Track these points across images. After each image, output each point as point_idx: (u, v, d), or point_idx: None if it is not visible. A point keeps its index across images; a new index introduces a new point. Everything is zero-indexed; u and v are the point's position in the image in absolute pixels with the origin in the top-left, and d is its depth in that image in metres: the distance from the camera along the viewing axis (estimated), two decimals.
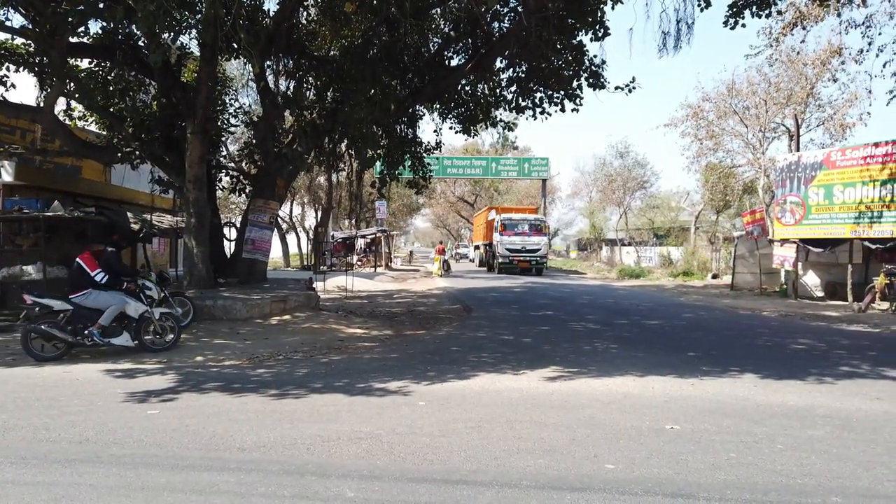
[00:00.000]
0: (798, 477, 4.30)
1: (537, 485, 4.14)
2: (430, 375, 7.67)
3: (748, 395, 6.81)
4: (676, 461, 4.60)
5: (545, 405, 6.30)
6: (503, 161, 41.13)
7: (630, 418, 5.81)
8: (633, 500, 3.90)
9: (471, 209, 70.06)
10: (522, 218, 33.18)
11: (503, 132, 20.12)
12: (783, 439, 5.15)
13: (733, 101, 28.42)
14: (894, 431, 5.50)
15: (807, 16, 16.93)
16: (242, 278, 14.89)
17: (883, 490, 4.10)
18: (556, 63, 15.33)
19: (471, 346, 10.18)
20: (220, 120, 16.70)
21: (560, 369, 8.14)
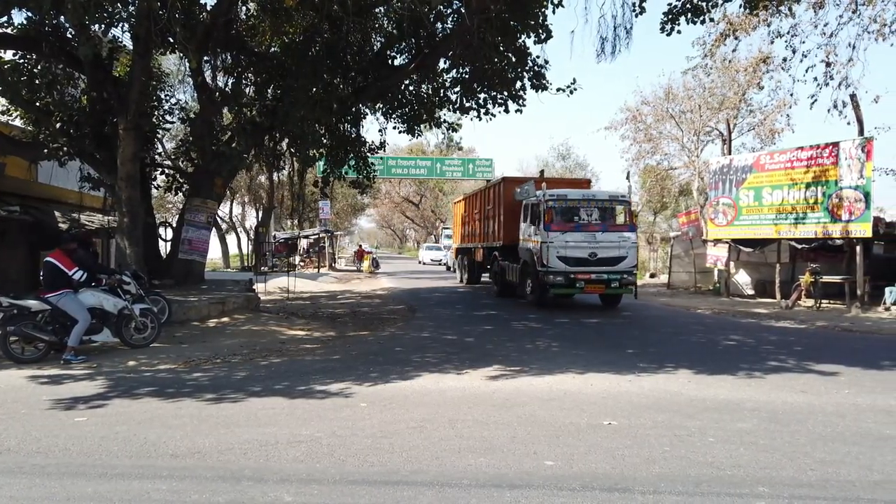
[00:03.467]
0: (728, 468, 4.45)
1: (478, 483, 4.16)
2: (373, 376, 7.61)
3: (682, 391, 7.02)
4: (613, 456, 4.69)
5: (487, 404, 6.33)
6: (448, 161, 41.12)
7: (570, 415, 5.90)
8: (570, 495, 3.96)
9: (416, 209, 70.05)
10: (587, 196, 16.26)
11: (448, 133, 20.17)
12: (714, 432, 5.33)
13: (670, 105, 29.27)
14: (817, 423, 5.76)
15: (738, 26, 17.59)
16: (178, 280, 14.44)
17: (806, 479, 4.29)
18: (500, 64, 15.46)
19: (414, 347, 10.15)
20: (154, 116, 16.14)
21: (502, 368, 8.21)
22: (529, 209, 16.45)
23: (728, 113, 26.36)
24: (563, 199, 15.65)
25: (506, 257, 18.75)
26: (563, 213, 15.55)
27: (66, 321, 8.72)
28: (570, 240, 15.15)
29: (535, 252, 15.54)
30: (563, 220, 15.42)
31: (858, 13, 15.25)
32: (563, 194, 15.85)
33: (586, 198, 16.10)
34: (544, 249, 15.06)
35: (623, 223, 15.81)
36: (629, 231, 15.62)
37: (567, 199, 15.74)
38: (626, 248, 15.34)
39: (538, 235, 15.42)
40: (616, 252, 15.27)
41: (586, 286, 15.23)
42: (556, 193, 15.76)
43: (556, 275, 15.11)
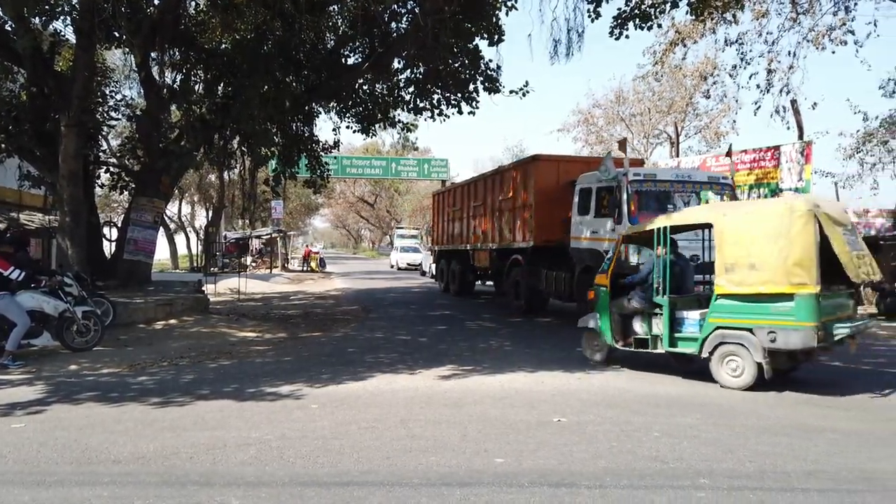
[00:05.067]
0: (671, 461, 4.59)
1: (428, 482, 4.18)
2: (325, 378, 7.56)
3: (630, 387, 7.19)
4: (561, 452, 4.78)
5: (439, 403, 6.36)
6: (403, 161, 41.02)
7: (520, 413, 5.98)
8: (519, 491, 4.01)
9: (371, 209, 69.69)
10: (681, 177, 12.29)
11: (403, 133, 20.15)
12: (659, 427, 5.48)
13: (621, 108, 29.94)
14: (757, 416, 5.97)
15: (686, 34, 18.08)
16: (123, 281, 14.03)
17: (745, 470, 4.45)
18: (454, 65, 15.53)
19: (368, 347, 10.11)
20: (98, 112, 15.65)
21: (455, 367, 8.25)
22: (594, 195, 11.96)
23: (676, 116, 27.10)
24: (651, 180, 11.64)
25: (538, 263, 14.15)
26: (653, 201, 11.47)
27: (3, 324, 8.40)
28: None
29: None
30: (653, 209, 11.02)
31: (798, 22, 15.87)
32: (651, 173, 12.06)
33: (680, 179, 12.04)
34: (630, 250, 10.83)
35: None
36: None
37: (657, 179, 11.77)
38: None
39: (616, 231, 10.94)
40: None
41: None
42: (644, 172, 11.98)
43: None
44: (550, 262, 13.75)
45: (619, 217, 11.14)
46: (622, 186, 11.19)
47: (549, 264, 13.77)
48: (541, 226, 13.82)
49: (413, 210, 62.27)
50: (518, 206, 14.78)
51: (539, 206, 13.87)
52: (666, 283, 7.56)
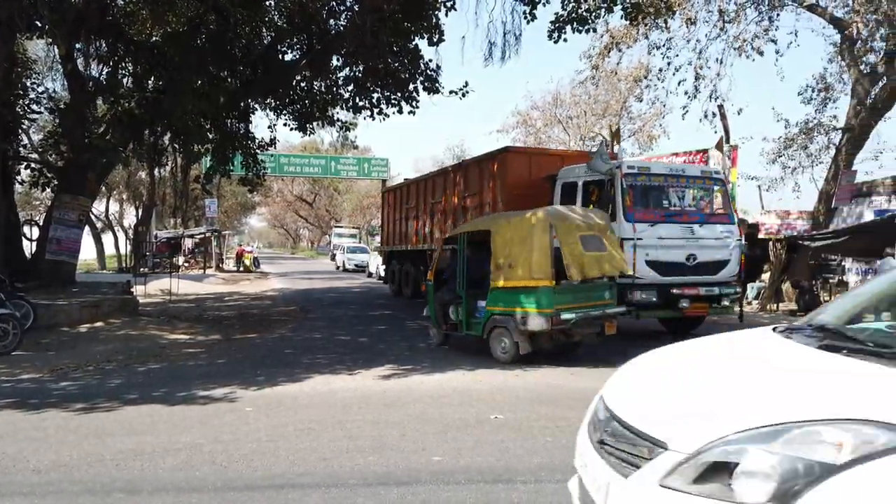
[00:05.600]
0: None
1: (365, 482, 4.15)
2: (260, 380, 7.40)
3: (564, 383, 7.34)
4: (499, 449, 4.83)
5: (378, 403, 6.33)
6: (343, 160, 40.61)
7: (458, 411, 6.01)
8: (457, 488, 4.04)
9: (310, 208, 68.73)
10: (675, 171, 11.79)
11: (342, 131, 19.88)
12: None
13: (558, 110, 30.53)
14: None
15: (620, 39, 18.59)
16: (46, 282, 13.37)
17: None
18: (393, 65, 15.48)
19: (305, 348, 9.96)
20: (18, 105, 14.86)
21: (395, 367, 8.22)
22: (580, 190, 11.00)
23: (611, 119, 27.82)
24: (646, 174, 10.82)
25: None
26: (647, 196, 10.89)
27: None
28: (665, 235, 10.35)
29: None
30: (648, 205, 10.73)
31: (725, 30, 16.55)
32: (645, 167, 11.16)
33: (675, 173, 11.38)
34: (625, 250, 9.87)
35: (722, 211, 11.38)
36: (731, 223, 11.21)
37: (651, 173, 10.94)
38: (729, 248, 10.83)
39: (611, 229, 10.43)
40: (719, 254, 10.76)
41: (691, 307, 10.41)
42: (638, 165, 11.10)
43: (646, 289, 10.08)
44: None
45: (613, 213, 10.12)
46: (616, 180, 10.24)
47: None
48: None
49: (353, 209, 61.78)
50: (487, 202, 13.73)
51: (511, 201, 12.65)
52: (463, 278, 9.24)
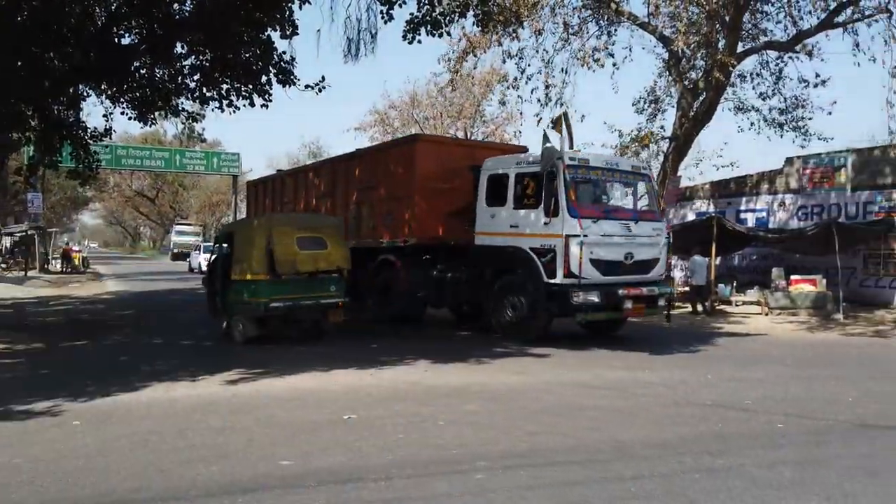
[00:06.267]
0: (454, 448, 4.82)
1: (208, 493, 3.94)
2: (90, 391, 6.77)
3: (420, 380, 7.44)
4: (350, 449, 4.79)
5: (224, 409, 6.04)
6: (189, 154, 38.21)
7: (310, 413, 5.89)
8: (306, 492, 3.95)
9: (152, 205, 64.10)
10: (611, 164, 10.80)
11: (188, 123, 18.78)
12: (445, 416, 5.74)
13: (415, 111, 30.88)
14: (530, 399, 6.52)
15: (476, 44, 19.13)
16: None
17: (518, 450, 4.83)
18: (244, 55, 14.82)
19: (144, 355, 9.26)
20: None
21: (243, 371, 7.87)
22: (512, 183, 10.46)
23: (465, 122, 28.61)
24: (586, 167, 10.33)
25: (420, 264, 11.97)
26: (587, 191, 10.41)
27: None
28: (607, 233, 9.92)
29: (544, 253, 9.80)
30: (588, 200, 10.26)
31: (569, 42, 17.57)
32: (584, 159, 10.58)
33: (610, 167, 10.73)
34: (571, 248, 9.46)
35: (650, 209, 11.04)
36: (659, 221, 11.08)
37: (590, 166, 10.43)
38: (659, 246, 10.57)
39: (552, 225, 9.69)
40: (651, 252, 10.44)
41: (633, 308, 10.07)
42: (578, 157, 10.47)
43: (590, 290, 9.61)
44: (436, 263, 11.86)
45: (556, 209, 9.63)
46: (559, 173, 9.68)
47: (434, 265, 11.84)
48: (424, 220, 11.75)
49: (201, 206, 58.54)
50: (390, 196, 12.57)
51: (421, 196, 11.79)
52: (223, 271, 10.43)
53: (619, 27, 16.97)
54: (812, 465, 4.55)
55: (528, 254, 9.97)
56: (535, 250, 9.91)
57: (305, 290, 9.97)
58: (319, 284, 10.12)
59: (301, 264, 9.80)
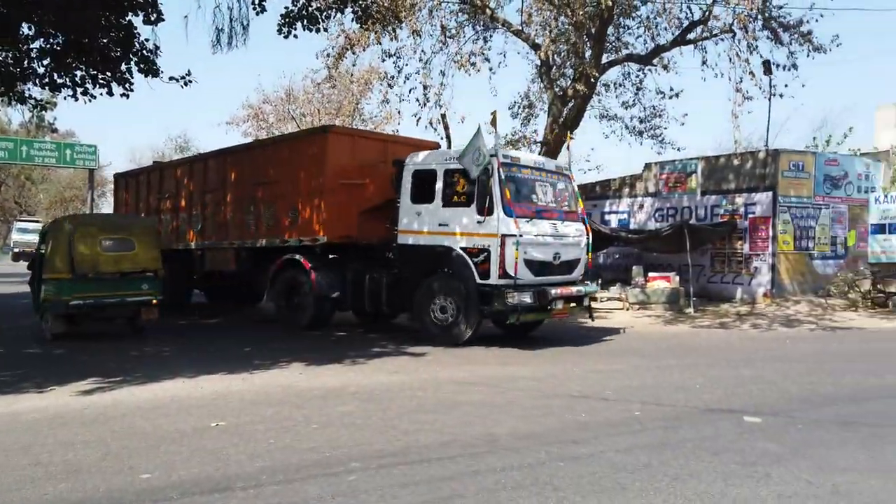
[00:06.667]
0: (327, 450, 4.75)
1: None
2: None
3: (293, 383, 7.27)
4: (217, 457, 4.59)
5: (76, 422, 5.58)
6: (38, 145, 34.81)
7: (174, 422, 5.58)
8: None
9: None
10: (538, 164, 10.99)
11: (36, 111, 17.10)
12: (318, 419, 5.64)
13: (291, 106, 30.07)
14: (406, 398, 6.57)
15: (356, 42, 18.91)
16: None
17: (392, 449, 4.84)
18: (102, 40, 13.76)
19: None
20: None
21: (99, 380, 7.31)
22: (441, 179, 10.13)
23: (344, 120, 28.24)
24: (518, 165, 10.27)
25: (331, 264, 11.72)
26: (519, 189, 10.08)
27: None
28: (539, 232, 9.96)
29: (476, 253, 9.61)
30: (520, 200, 9.98)
31: (447, 44, 17.83)
32: (516, 157, 10.73)
33: (538, 166, 10.77)
34: (507, 248, 9.39)
35: (572, 209, 11.06)
36: (580, 221, 11.02)
37: (521, 164, 10.40)
38: (581, 246, 10.74)
39: (486, 224, 9.55)
40: (575, 253, 10.61)
41: (563, 308, 10.27)
42: (511, 155, 10.57)
43: (524, 291, 9.53)
44: (351, 264, 11.48)
45: (490, 208, 9.49)
46: (493, 171, 9.50)
47: (350, 266, 11.44)
48: (337, 217, 11.25)
49: (51, 202, 53.75)
50: (296, 191, 11.88)
51: (334, 192, 11.25)
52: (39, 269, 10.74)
53: (494, 33, 17.47)
54: (664, 447, 4.92)
55: (460, 254, 9.74)
56: (466, 250, 9.71)
57: (112, 288, 10.34)
58: (129, 283, 10.49)
59: (103, 265, 10.26)
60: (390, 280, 10.78)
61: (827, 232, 16.73)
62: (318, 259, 11.68)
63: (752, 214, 16.22)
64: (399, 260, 10.65)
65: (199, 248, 14.42)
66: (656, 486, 4.06)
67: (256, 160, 13.08)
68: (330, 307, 11.79)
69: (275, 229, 12.30)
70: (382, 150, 11.82)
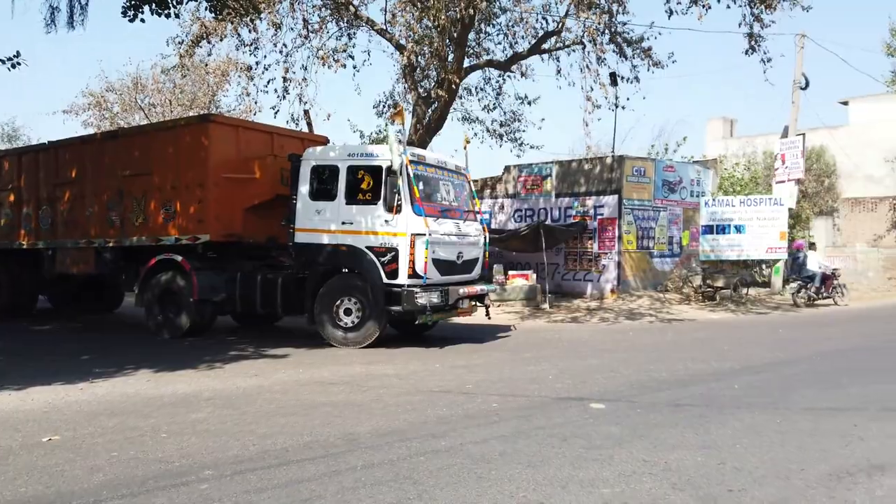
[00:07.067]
0: (177, 460, 4.50)
1: None
2: None
3: (139, 391, 6.80)
4: (50, 475, 4.20)
5: None
6: None
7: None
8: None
9: None
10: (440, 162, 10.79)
11: None
12: (168, 427, 5.32)
13: (139, 95, 28.03)
14: (264, 401, 6.36)
15: (212, 31, 17.97)
16: None
17: (248, 454, 4.67)
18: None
19: None
20: None
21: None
22: (343, 176, 9.74)
23: (199, 112, 26.79)
24: (423, 163, 10.12)
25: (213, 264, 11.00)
26: (426, 188, 9.96)
27: None
28: (446, 231, 9.97)
29: (384, 253, 9.40)
30: (427, 198, 9.87)
31: (309, 39, 17.45)
32: (421, 155, 10.44)
33: (440, 164, 10.64)
34: (417, 247, 9.31)
35: (471, 208, 11.21)
36: (478, 220, 11.23)
37: (427, 163, 10.25)
38: (480, 245, 10.91)
39: (394, 223, 9.39)
40: (475, 252, 10.79)
41: (469, 306, 10.60)
42: (416, 153, 10.24)
43: (433, 291, 9.52)
44: (238, 263, 10.88)
45: (399, 206, 9.31)
46: (402, 168, 9.30)
47: (239, 266, 10.80)
48: (221, 214, 10.60)
49: None
50: (172, 185, 10.94)
51: (217, 186, 10.54)
52: None
53: (358, 30, 17.34)
54: (518, 437, 5.15)
55: (366, 253, 9.50)
56: (373, 249, 9.47)
57: None
58: None
59: None
60: (287, 281, 10.27)
61: (665, 232, 18.29)
62: (200, 259, 10.90)
63: (601, 216, 17.38)
64: (297, 260, 10.19)
65: (50, 247, 12.92)
66: (510, 474, 4.24)
67: (123, 150, 11.82)
68: (212, 311, 11.04)
69: (146, 226, 11.28)
70: (268, 142, 11.31)
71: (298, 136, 12.36)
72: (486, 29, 17.36)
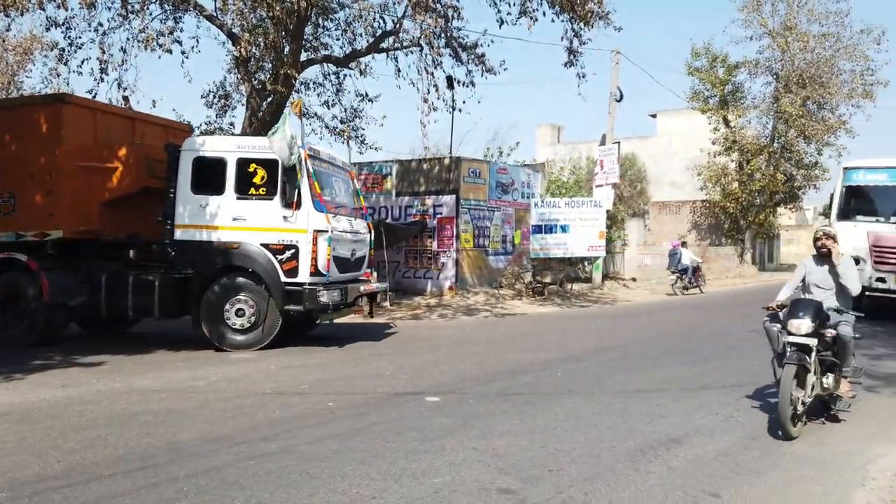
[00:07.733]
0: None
1: None
2: None
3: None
4: None
5: None
6: None
7: None
8: None
9: None
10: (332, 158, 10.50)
11: None
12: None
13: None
14: (74, 414, 5.77)
15: (9, 4, 15.93)
16: None
17: (52, 472, 4.22)
18: None
19: None
20: None
21: None
22: (232, 168, 9.08)
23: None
24: (318, 158, 9.73)
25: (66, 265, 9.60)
26: (321, 184, 9.50)
27: None
28: (343, 228, 9.75)
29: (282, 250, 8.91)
30: (324, 194, 9.53)
31: (128, 19, 16.07)
32: (317, 150, 9.94)
33: (331, 160, 10.34)
34: (320, 244, 8.95)
35: (359, 205, 11.19)
36: (364, 218, 11.12)
37: (321, 158, 9.89)
38: (366, 242, 10.73)
39: (293, 219, 8.93)
40: (364, 249, 10.61)
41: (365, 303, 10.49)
42: (312, 147, 9.72)
43: (333, 289, 9.17)
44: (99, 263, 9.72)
45: (299, 202, 8.89)
46: (301, 163, 8.92)
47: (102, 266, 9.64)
48: (76, 207, 9.45)
49: None
50: (18, 173, 9.54)
51: (72, 175, 9.39)
52: None
53: (186, 14, 16.29)
54: (353, 434, 5.13)
55: (261, 251, 8.96)
56: (269, 247, 8.97)
57: None
58: None
59: None
60: (164, 282, 9.32)
61: (499, 231, 19.19)
62: (50, 259, 9.61)
63: (440, 215, 17.83)
64: (177, 258, 9.29)
65: None
66: (343, 472, 4.22)
67: None
68: (64, 317, 9.80)
69: None
70: (130, 128, 10.38)
71: (161, 124, 11.51)
72: (325, 24, 17.11)
